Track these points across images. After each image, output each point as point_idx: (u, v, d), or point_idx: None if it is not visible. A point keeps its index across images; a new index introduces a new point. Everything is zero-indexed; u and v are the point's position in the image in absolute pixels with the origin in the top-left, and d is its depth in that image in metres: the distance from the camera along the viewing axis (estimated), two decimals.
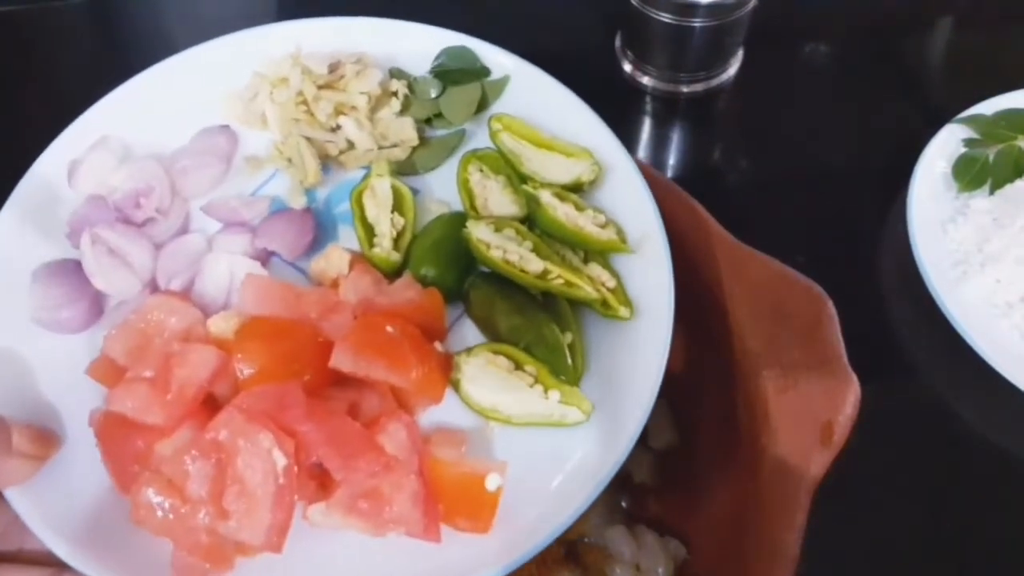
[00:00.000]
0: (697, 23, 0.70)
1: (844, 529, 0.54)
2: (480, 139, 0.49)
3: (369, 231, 0.45)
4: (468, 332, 0.44)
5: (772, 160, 0.73)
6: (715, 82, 0.76)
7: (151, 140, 0.49)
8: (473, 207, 0.46)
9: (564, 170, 0.46)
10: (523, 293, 0.43)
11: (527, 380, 0.41)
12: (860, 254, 0.67)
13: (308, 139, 0.49)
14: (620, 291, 0.43)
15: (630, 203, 0.46)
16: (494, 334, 0.42)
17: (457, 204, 0.47)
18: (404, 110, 0.50)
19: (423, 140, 0.50)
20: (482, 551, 0.38)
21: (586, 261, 0.45)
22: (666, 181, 0.49)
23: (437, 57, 0.51)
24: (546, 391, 0.40)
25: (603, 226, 0.45)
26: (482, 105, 0.50)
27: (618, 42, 0.78)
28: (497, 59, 0.51)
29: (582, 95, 0.76)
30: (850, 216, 0.70)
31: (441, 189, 0.48)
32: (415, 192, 0.48)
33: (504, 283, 0.43)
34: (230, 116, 0.50)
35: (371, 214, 0.45)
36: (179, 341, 0.40)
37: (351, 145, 0.49)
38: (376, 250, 0.44)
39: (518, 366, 0.41)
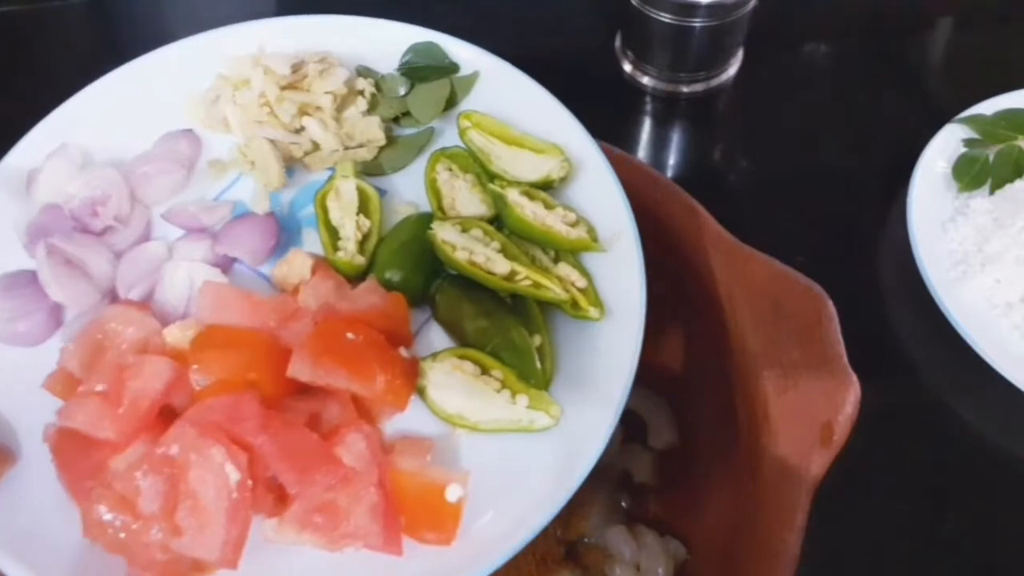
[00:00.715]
0: (697, 23, 0.70)
1: (844, 529, 0.54)
2: (449, 137, 0.48)
3: (333, 235, 0.44)
4: (435, 337, 0.42)
5: (772, 160, 0.73)
6: (715, 82, 0.76)
7: (112, 146, 0.48)
8: (440, 208, 0.45)
9: (534, 167, 0.45)
10: (491, 295, 0.42)
11: (494, 385, 0.39)
12: (860, 254, 0.67)
13: (272, 141, 0.47)
14: (591, 291, 0.42)
15: (601, 201, 0.45)
16: (461, 338, 0.41)
17: (426, 205, 0.46)
18: (371, 109, 0.49)
19: (390, 139, 0.49)
20: (448, 563, 0.36)
21: (556, 260, 0.43)
22: (666, 181, 0.49)
23: (405, 54, 0.50)
24: (514, 396, 0.39)
25: (573, 224, 0.44)
26: (451, 102, 0.49)
27: (618, 42, 0.78)
28: (466, 55, 0.50)
29: (582, 95, 0.76)
30: (850, 216, 0.70)
31: (409, 189, 0.47)
32: (382, 193, 0.46)
33: (471, 285, 0.42)
34: (193, 120, 0.49)
35: (335, 217, 0.44)
36: (134, 353, 0.39)
37: (316, 146, 0.48)
38: (340, 254, 0.43)
39: (485, 371, 0.40)
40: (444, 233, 0.42)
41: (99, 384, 0.38)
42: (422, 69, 0.49)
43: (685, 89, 0.76)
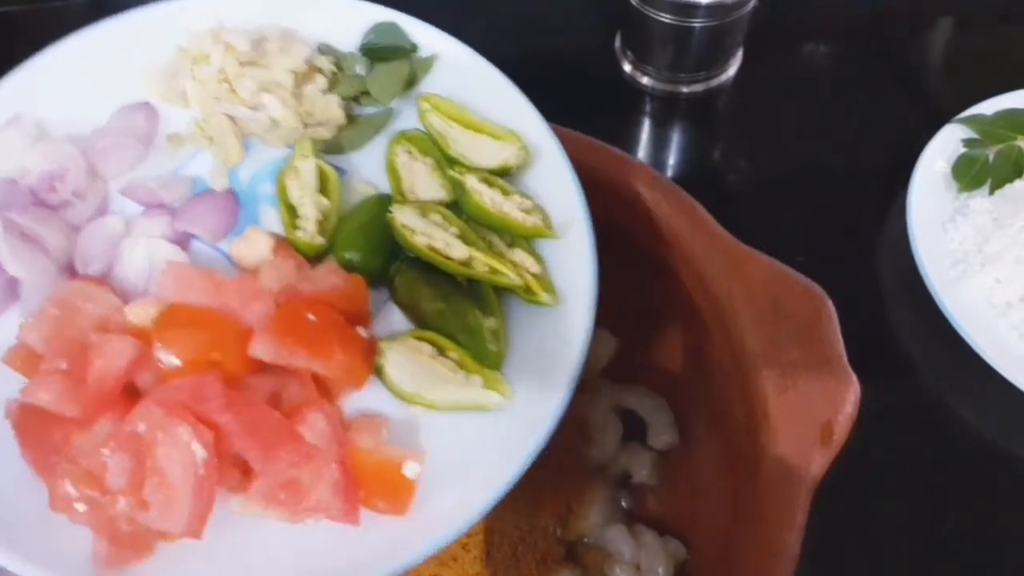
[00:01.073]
0: (697, 23, 0.70)
1: (844, 529, 0.55)
2: (408, 118, 0.48)
3: (292, 213, 0.44)
4: (394, 317, 0.43)
5: (772, 160, 0.73)
6: (715, 82, 0.76)
7: (67, 117, 0.47)
8: (400, 191, 0.45)
9: (491, 154, 0.45)
10: (448, 279, 0.43)
11: (450, 366, 0.40)
12: (860, 254, 0.67)
13: (231, 117, 0.47)
14: (543, 277, 0.43)
15: (556, 188, 0.45)
16: (419, 319, 0.42)
17: (384, 185, 0.46)
18: (331, 88, 0.49)
19: (350, 119, 0.48)
20: (403, 533, 0.38)
21: (511, 246, 0.44)
22: (665, 181, 0.49)
23: (366, 34, 0.50)
24: (468, 376, 0.40)
25: (529, 211, 0.44)
26: (410, 83, 0.48)
27: (618, 42, 0.78)
28: (426, 37, 0.49)
29: (582, 95, 0.77)
30: (850, 216, 0.70)
31: (368, 169, 0.47)
32: (341, 172, 0.46)
33: (429, 269, 0.43)
34: (151, 92, 0.48)
35: (295, 196, 0.44)
36: (96, 331, 0.39)
37: (275, 123, 0.48)
38: (299, 233, 0.43)
39: (441, 352, 0.41)
40: (404, 217, 0.43)
41: (62, 362, 0.38)
42: (382, 49, 0.49)
43: (685, 89, 0.76)
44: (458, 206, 0.45)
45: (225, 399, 0.37)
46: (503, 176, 0.45)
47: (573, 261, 0.43)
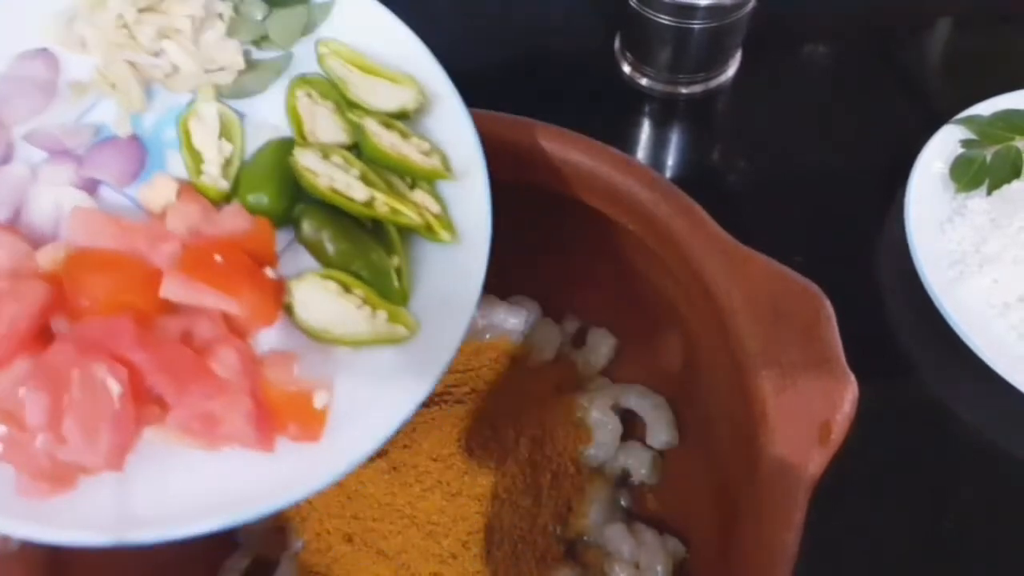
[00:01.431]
0: (696, 25, 0.70)
1: (842, 528, 0.55)
2: (306, 62, 0.48)
3: (196, 158, 0.44)
4: (300, 257, 0.44)
5: (770, 161, 0.73)
6: (714, 83, 0.76)
7: None
8: (301, 134, 0.46)
9: (390, 97, 0.46)
10: (352, 219, 0.43)
11: (356, 302, 0.42)
12: (858, 254, 0.68)
13: (131, 63, 0.47)
14: (443, 216, 0.44)
15: (454, 133, 0.46)
16: (324, 259, 0.43)
17: (286, 129, 0.46)
18: (230, 32, 0.49)
19: (249, 63, 0.48)
20: (316, 458, 0.39)
21: (412, 187, 0.45)
22: (664, 182, 0.49)
23: None
24: (374, 311, 0.41)
25: (427, 153, 0.45)
26: (309, 28, 0.49)
27: (617, 44, 0.78)
28: None
29: (581, 96, 0.77)
30: (848, 216, 0.70)
31: (268, 113, 0.47)
32: (241, 117, 0.47)
33: (333, 210, 0.43)
34: (49, 39, 0.48)
35: (198, 140, 0.45)
36: (7, 276, 0.40)
37: (176, 69, 0.47)
38: (203, 178, 0.44)
39: (347, 289, 0.42)
40: (305, 160, 0.43)
41: None
42: None
43: (684, 90, 0.76)
44: (359, 149, 0.45)
45: (137, 337, 0.38)
46: (402, 120, 0.46)
47: (472, 202, 0.45)
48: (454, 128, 0.46)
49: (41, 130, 0.46)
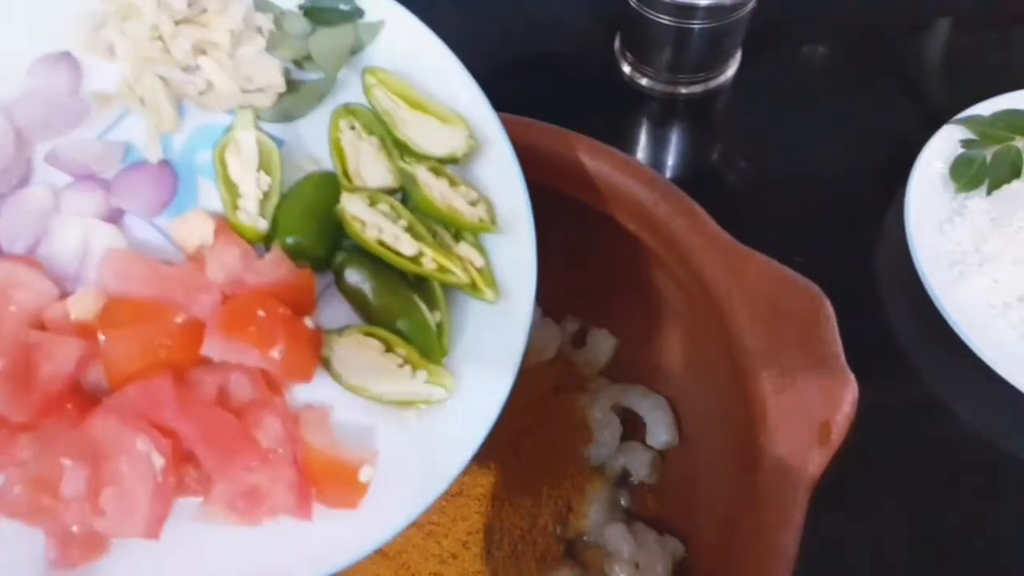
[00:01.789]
0: (696, 25, 0.70)
1: (842, 528, 0.55)
2: (350, 86, 0.45)
3: (233, 192, 0.42)
4: (337, 303, 0.42)
5: (770, 161, 0.73)
6: (714, 83, 0.76)
7: None
8: (345, 172, 0.43)
9: (439, 139, 0.44)
10: (395, 271, 0.42)
11: (397, 361, 0.40)
12: (858, 254, 0.68)
13: (163, 79, 0.43)
14: (487, 271, 0.42)
15: (502, 181, 0.44)
16: (365, 311, 0.41)
17: (325, 159, 0.44)
18: (269, 48, 0.45)
19: (290, 84, 0.45)
20: (355, 525, 0.38)
21: (457, 238, 0.43)
22: (664, 182, 0.49)
23: None
24: (414, 371, 0.40)
25: (475, 203, 0.43)
26: (354, 50, 0.46)
27: (617, 44, 0.78)
28: (371, 1, 0.46)
29: (581, 96, 0.77)
30: (848, 216, 0.70)
31: (307, 141, 0.44)
32: (279, 144, 0.44)
33: (377, 260, 0.41)
34: (72, 42, 0.44)
35: (235, 173, 0.42)
36: (36, 329, 0.38)
37: (211, 86, 0.44)
38: (240, 215, 0.41)
39: (389, 348, 0.40)
40: (353, 207, 0.41)
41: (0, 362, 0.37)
42: (326, 11, 0.46)
43: (684, 90, 0.76)
44: (404, 194, 0.43)
45: (179, 404, 0.37)
46: (448, 164, 0.44)
47: (516, 255, 0.43)
48: (502, 176, 0.44)
49: (65, 151, 0.42)
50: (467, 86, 0.45)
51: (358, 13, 0.46)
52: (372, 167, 0.43)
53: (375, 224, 0.41)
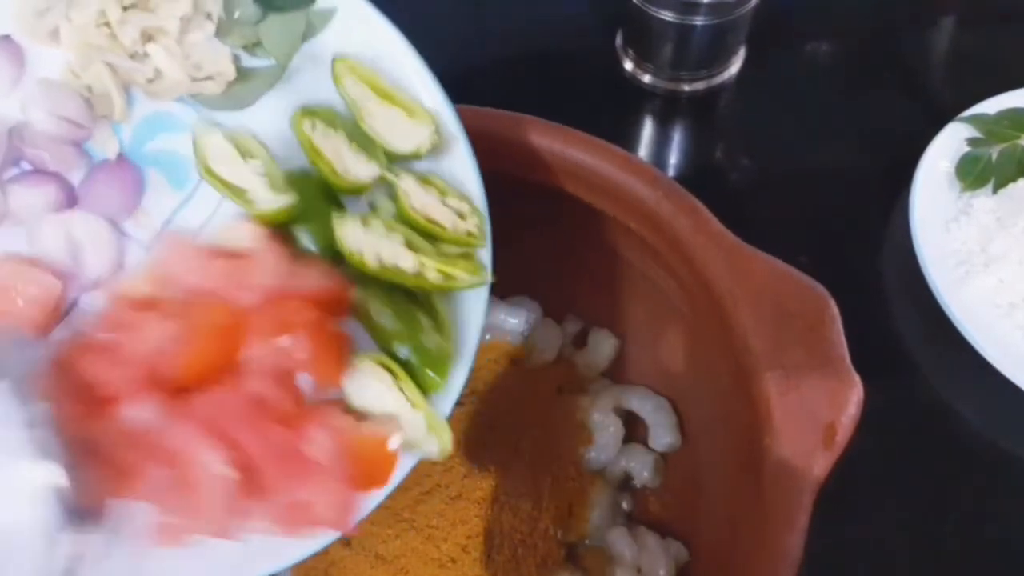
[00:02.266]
0: (699, 21, 0.70)
1: (846, 530, 0.54)
2: (301, 73, 0.44)
3: (239, 193, 0.41)
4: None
5: (774, 159, 0.73)
6: (717, 81, 0.76)
7: None
8: (333, 172, 0.42)
9: (404, 135, 0.42)
10: (402, 291, 0.41)
11: (402, 399, 0.40)
12: (863, 254, 0.67)
13: (111, 66, 0.42)
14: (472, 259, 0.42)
15: (459, 178, 0.43)
16: (371, 330, 0.41)
17: (276, 146, 0.43)
18: (219, 34, 0.44)
19: (240, 71, 0.44)
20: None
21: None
22: (667, 180, 0.49)
23: None
24: (414, 410, 0.39)
25: (464, 216, 0.42)
26: (306, 36, 0.44)
27: (619, 41, 0.78)
28: None
29: (583, 94, 0.77)
30: (852, 215, 0.69)
31: (258, 127, 0.43)
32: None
33: (379, 281, 0.41)
34: (14, 28, 0.43)
35: (227, 175, 0.41)
36: (48, 320, 0.39)
37: (159, 74, 0.43)
38: (261, 206, 0.41)
39: (398, 385, 0.40)
40: (350, 240, 0.41)
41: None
42: None
43: (686, 88, 0.76)
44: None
45: (250, 420, 0.38)
46: (412, 161, 0.43)
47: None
48: (460, 174, 0.43)
49: (27, 143, 0.42)
50: (423, 77, 0.44)
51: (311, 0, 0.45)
52: (355, 163, 0.42)
53: (372, 248, 0.41)
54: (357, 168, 0.42)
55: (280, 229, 0.42)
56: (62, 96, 0.42)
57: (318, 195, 0.42)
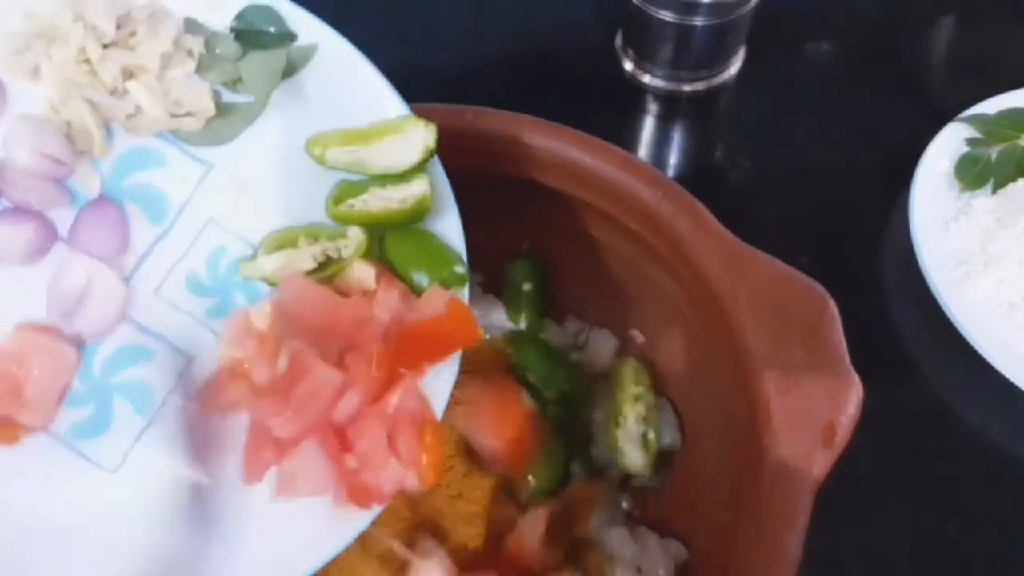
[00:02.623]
0: (699, 22, 0.70)
1: (846, 530, 0.54)
2: (282, 109, 0.44)
3: (326, 266, 0.42)
4: None
5: (774, 159, 0.73)
6: (717, 81, 0.76)
7: None
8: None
9: (408, 150, 0.43)
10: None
11: None
12: (862, 254, 0.67)
13: (91, 102, 0.42)
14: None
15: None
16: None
17: (253, 182, 0.44)
18: (199, 70, 0.44)
19: (220, 107, 0.44)
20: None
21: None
22: (667, 180, 0.49)
23: (237, 17, 0.45)
24: None
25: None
26: (287, 73, 0.45)
27: (619, 41, 0.78)
28: (303, 24, 0.45)
29: (583, 95, 0.77)
30: (852, 215, 0.69)
31: (238, 163, 0.44)
32: (209, 167, 0.44)
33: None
34: None
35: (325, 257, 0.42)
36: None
37: (139, 110, 0.43)
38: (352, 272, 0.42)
39: None
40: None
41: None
42: (257, 34, 0.45)
43: (686, 88, 0.76)
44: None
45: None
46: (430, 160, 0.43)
47: (445, 231, 0.43)
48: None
49: (8, 180, 0.41)
50: (395, 103, 0.44)
51: (290, 37, 0.45)
52: (385, 198, 0.43)
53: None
54: (399, 194, 0.43)
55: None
56: (43, 132, 0.42)
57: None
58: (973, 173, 0.66)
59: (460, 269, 0.42)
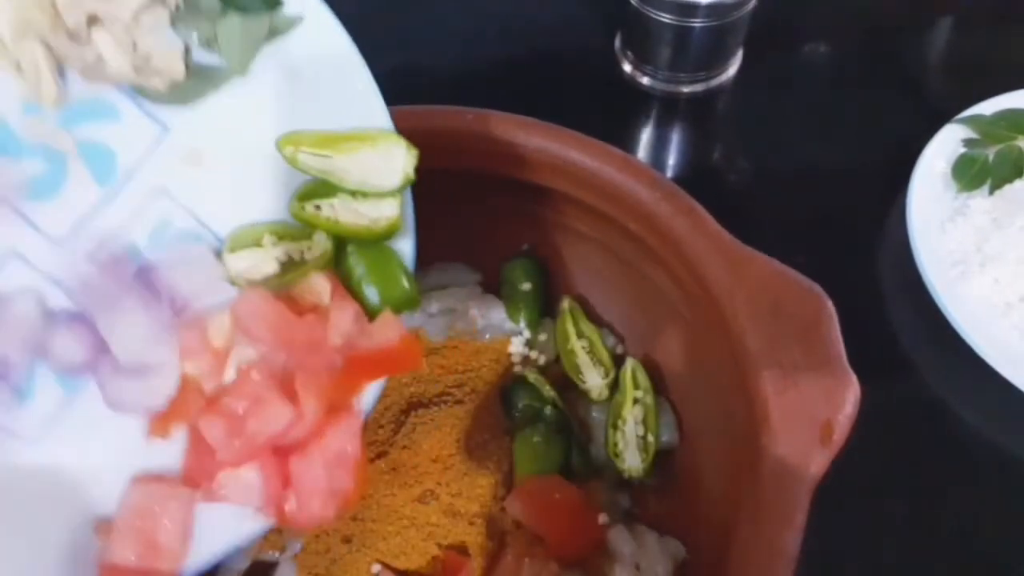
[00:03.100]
0: (697, 23, 0.70)
1: (843, 529, 0.55)
2: (254, 75, 0.41)
3: (288, 269, 0.41)
4: None
5: (772, 160, 0.73)
6: (715, 82, 0.76)
7: None
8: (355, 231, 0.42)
9: (388, 174, 0.41)
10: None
11: None
12: (860, 254, 0.67)
13: (47, 45, 0.39)
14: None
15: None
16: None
17: (208, 151, 0.41)
18: (174, 21, 0.41)
19: (188, 67, 0.41)
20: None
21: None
22: (666, 181, 0.49)
23: None
24: None
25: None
26: (268, 40, 0.42)
27: (617, 43, 0.78)
28: None
29: (582, 96, 0.77)
30: (850, 216, 0.70)
31: (195, 129, 0.41)
32: (164, 129, 0.41)
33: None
34: None
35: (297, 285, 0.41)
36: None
37: (101, 60, 0.40)
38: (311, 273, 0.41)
39: None
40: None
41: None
42: None
43: (685, 89, 0.76)
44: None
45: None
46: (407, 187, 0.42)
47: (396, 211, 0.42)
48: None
49: None
50: (371, 98, 0.42)
51: (275, 3, 0.42)
52: (359, 210, 0.41)
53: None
54: (371, 212, 0.41)
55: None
56: None
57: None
58: (970, 174, 0.66)
59: (413, 291, 0.41)
